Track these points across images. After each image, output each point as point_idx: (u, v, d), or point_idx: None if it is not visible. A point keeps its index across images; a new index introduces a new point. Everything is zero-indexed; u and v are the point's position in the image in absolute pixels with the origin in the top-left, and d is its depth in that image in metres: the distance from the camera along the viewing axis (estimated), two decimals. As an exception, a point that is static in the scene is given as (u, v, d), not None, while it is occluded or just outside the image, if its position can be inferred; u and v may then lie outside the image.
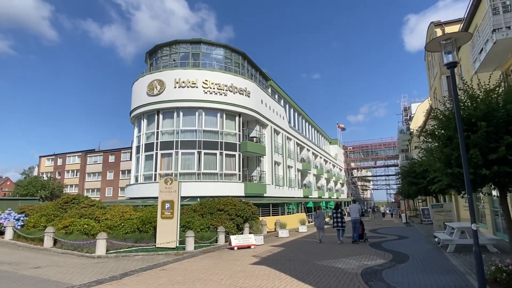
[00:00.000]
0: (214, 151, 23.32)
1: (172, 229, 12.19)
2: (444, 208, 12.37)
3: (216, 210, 15.97)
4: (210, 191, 21.80)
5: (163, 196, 12.61)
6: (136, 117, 25.78)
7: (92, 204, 18.82)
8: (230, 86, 24.28)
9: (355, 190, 79.20)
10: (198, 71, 23.75)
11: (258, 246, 13.46)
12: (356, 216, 14.23)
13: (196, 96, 23.26)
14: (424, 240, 13.82)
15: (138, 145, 24.95)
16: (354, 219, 14.17)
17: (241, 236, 12.67)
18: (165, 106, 23.43)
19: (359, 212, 14.74)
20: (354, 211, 14.66)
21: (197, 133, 23.29)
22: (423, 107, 39.39)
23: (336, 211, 14.72)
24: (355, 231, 13.98)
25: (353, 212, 14.59)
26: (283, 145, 32.90)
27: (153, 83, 23.84)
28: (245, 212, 16.42)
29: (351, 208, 15.35)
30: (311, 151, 44.96)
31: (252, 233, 14.13)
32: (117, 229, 14.42)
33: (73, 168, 61.29)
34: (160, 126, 23.69)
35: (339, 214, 14.57)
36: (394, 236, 16.14)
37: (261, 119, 27.56)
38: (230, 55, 26.45)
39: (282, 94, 35.99)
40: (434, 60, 20.59)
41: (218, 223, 15.14)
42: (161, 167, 23.24)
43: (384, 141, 69.87)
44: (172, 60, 25.28)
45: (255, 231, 14.02)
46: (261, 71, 31.31)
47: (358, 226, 14.01)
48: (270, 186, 27.94)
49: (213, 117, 23.92)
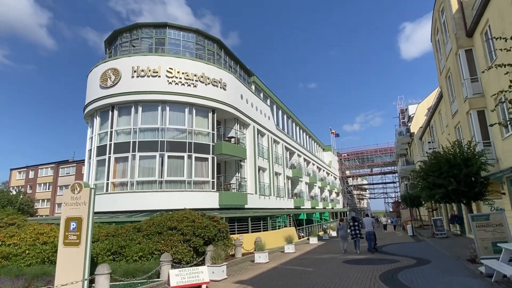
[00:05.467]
0: (181, 154, 19.07)
1: (77, 262, 7.85)
2: (491, 221, 8.31)
3: (167, 228, 11.64)
4: (175, 203, 17.47)
5: (68, 211, 8.29)
6: (89, 115, 21.49)
7: (12, 223, 14.40)
8: (201, 76, 20.22)
9: (351, 200, 74.90)
10: (160, 58, 19.68)
11: (217, 282, 9.15)
12: (370, 229, 15.43)
13: (158, 87, 19.13)
14: (456, 268, 9.65)
15: (90, 149, 20.60)
16: (369, 231, 15.38)
17: (187, 270, 8.36)
18: (120, 100, 19.22)
19: (373, 225, 15.97)
20: (368, 224, 15.79)
21: (160, 132, 19.05)
22: (424, 105, 35.77)
23: (354, 224, 15.99)
24: (370, 242, 15.26)
25: (367, 225, 15.75)
26: (269, 148, 28.75)
27: (107, 72, 19.69)
28: (208, 230, 12.11)
29: (365, 221, 16.45)
30: (303, 157, 40.84)
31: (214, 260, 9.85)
32: (17, 259, 10.07)
33: (45, 181, 56.22)
34: (115, 124, 19.42)
35: (356, 226, 15.80)
36: (410, 260, 11.94)
37: (241, 117, 23.47)
38: (203, 42, 22.51)
39: (268, 93, 32.04)
40: (447, 35, 16.84)
41: (165, 247, 10.81)
42: (115, 175, 18.86)
43: (380, 147, 66.11)
44: (132, 47, 21.22)
45: (217, 257, 9.81)
46: (242, 64, 27.39)
47: (372, 237, 15.26)
48: (253, 196, 23.65)
49: (180, 113, 19.74)
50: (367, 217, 17.62)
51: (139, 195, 17.99)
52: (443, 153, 11.49)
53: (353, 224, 16.02)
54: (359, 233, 15.70)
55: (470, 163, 10.77)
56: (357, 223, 16.17)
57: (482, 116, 13.94)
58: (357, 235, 15.59)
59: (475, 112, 14.13)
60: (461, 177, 10.69)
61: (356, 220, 16.53)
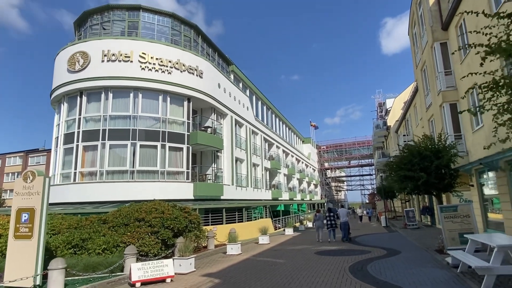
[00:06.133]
0: (154, 143, 18.40)
1: (29, 257, 7.28)
2: (459, 212, 8.36)
3: (134, 220, 11.13)
4: (147, 193, 16.85)
5: (19, 202, 7.65)
6: (56, 101, 20.32)
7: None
8: (176, 62, 19.47)
9: (329, 191, 76.14)
10: (133, 42, 18.76)
11: (183, 276, 8.79)
12: (345, 219, 16.36)
13: (130, 73, 18.26)
14: (425, 259, 9.74)
15: (57, 136, 19.53)
16: (344, 222, 16.31)
17: (150, 263, 7.95)
18: (89, 85, 18.23)
19: (347, 216, 16.95)
20: (343, 215, 16.56)
21: (132, 120, 18.27)
22: (401, 99, 36.39)
23: (330, 214, 16.51)
24: (344, 231, 16.18)
25: (342, 216, 16.53)
26: (248, 139, 28.40)
27: (75, 56, 18.58)
28: (178, 222, 11.69)
29: (340, 212, 16.95)
30: (282, 149, 40.78)
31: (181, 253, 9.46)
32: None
33: (13, 170, 53.64)
34: (84, 111, 18.44)
35: (332, 216, 16.41)
36: (381, 251, 12.03)
37: (218, 107, 22.92)
38: (179, 27, 21.65)
39: (247, 83, 31.51)
40: (424, 28, 16.90)
41: (132, 239, 10.33)
42: (83, 164, 17.99)
43: (358, 140, 67.26)
44: (103, 29, 20.12)
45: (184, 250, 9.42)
46: (221, 52, 26.69)
47: (347, 227, 16.21)
48: (230, 187, 23.32)
49: (154, 100, 18.99)
50: (342, 208, 18.22)
51: (109, 186, 17.25)
52: (415, 145, 11.54)
53: (329, 214, 16.54)
54: (335, 223, 16.31)
55: (440, 155, 10.87)
56: (332, 213, 16.71)
57: (454, 109, 14.13)
58: (333, 225, 16.19)
59: (447, 105, 14.30)
60: (432, 169, 10.78)
61: (332, 211, 17.11)
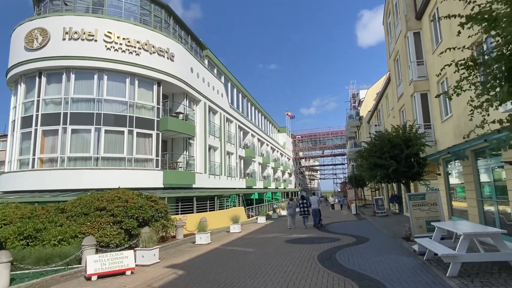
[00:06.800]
0: (121, 129, 17.45)
1: (-33, 251, 6.53)
2: (426, 200, 8.42)
3: (94, 209, 10.44)
4: (113, 181, 15.94)
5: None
6: (13, 81, 18.75)
7: None
8: (145, 43, 18.43)
9: (303, 180, 77.28)
10: (97, 19, 17.49)
11: (146, 267, 8.33)
12: (316, 207, 17.09)
13: (94, 53, 17.05)
14: (393, 246, 9.84)
15: (13, 120, 18.08)
16: (315, 209, 17.00)
17: (109, 255, 7.42)
18: (49, 65, 16.89)
19: (318, 203, 17.79)
20: (314, 202, 17.31)
21: (96, 103, 17.17)
22: (373, 90, 36.98)
23: (302, 202, 17.14)
24: (316, 218, 16.81)
25: (313, 203, 17.24)
26: (222, 127, 27.81)
27: (33, 33, 17.10)
28: (144, 211, 11.12)
29: (311, 199, 17.58)
30: (257, 137, 40.51)
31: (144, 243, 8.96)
32: None
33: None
34: (43, 92, 17.11)
35: (305, 204, 17.01)
36: (350, 238, 12.09)
37: (190, 92, 22.12)
38: (149, 7, 20.44)
39: (222, 69, 30.70)
40: (398, 17, 16.92)
41: (91, 229, 9.68)
42: (43, 149, 16.79)
43: (332, 130, 68.30)
44: (65, 5, 18.62)
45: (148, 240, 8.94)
46: (194, 36, 25.66)
47: (318, 214, 16.82)
48: (202, 175, 22.79)
49: (121, 83, 17.92)
50: (314, 196, 18.95)
51: (71, 173, 16.23)
52: (386, 133, 11.56)
53: (302, 202, 17.16)
54: (307, 210, 16.96)
55: (411, 143, 10.95)
56: (305, 201, 17.22)
57: (425, 99, 14.32)
58: (305, 212, 16.89)
59: (418, 95, 14.46)
60: (402, 157, 10.85)
61: (305, 199, 17.55)
